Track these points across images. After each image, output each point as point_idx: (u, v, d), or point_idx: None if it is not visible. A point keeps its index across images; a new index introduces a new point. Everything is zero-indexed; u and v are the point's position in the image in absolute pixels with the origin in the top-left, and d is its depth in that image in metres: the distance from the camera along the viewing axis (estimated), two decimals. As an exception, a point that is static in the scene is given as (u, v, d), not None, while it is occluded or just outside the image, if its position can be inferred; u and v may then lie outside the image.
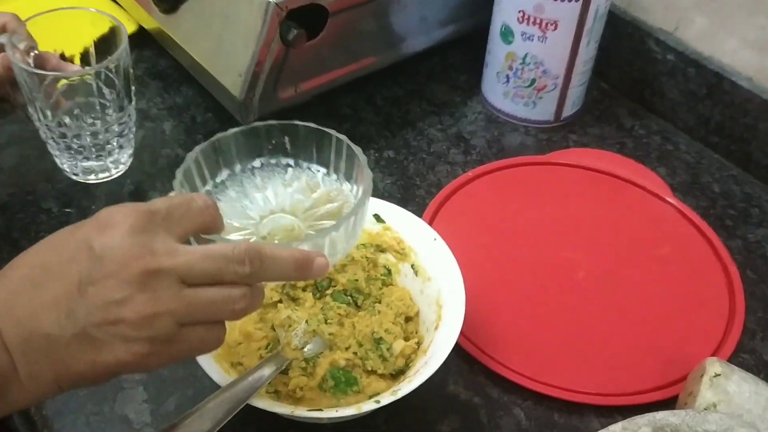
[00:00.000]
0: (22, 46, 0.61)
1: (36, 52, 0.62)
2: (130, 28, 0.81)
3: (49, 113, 0.63)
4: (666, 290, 0.64)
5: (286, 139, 0.52)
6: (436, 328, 0.53)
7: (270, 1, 0.64)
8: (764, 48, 0.72)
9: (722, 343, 0.59)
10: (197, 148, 0.49)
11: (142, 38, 0.82)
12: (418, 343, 0.54)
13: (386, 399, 0.47)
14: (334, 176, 0.52)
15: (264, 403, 0.47)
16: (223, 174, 0.51)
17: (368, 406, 0.47)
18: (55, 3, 0.66)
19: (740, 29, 0.73)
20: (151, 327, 0.37)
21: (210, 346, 0.41)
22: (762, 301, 0.64)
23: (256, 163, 0.52)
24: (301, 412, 0.47)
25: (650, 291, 0.63)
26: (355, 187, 0.51)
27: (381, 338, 0.53)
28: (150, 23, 0.80)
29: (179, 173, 0.47)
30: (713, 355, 0.58)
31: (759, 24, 0.71)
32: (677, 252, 0.67)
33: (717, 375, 0.50)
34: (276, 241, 0.49)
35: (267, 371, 0.48)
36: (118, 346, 0.37)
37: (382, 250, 0.59)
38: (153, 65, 0.84)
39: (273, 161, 0.53)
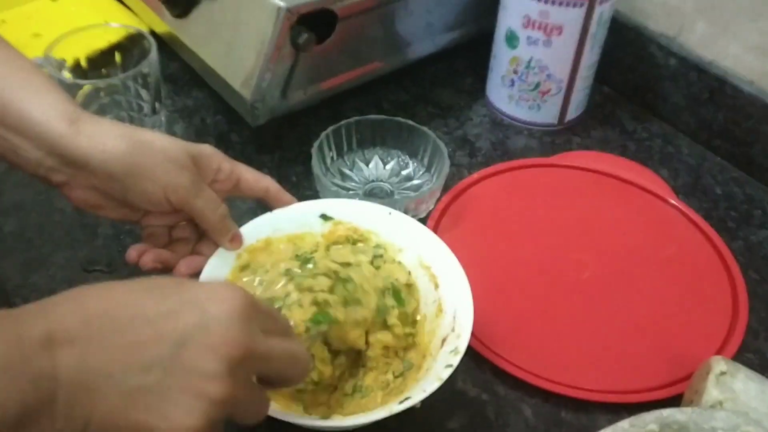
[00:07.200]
0: None
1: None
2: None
3: None
4: (670, 290, 0.64)
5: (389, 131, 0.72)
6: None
7: (281, 6, 0.65)
8: (766, 52, 0.73)
9: (726, 343, 0.60)
10: (330, 128, 0.70)
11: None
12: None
13: (418, 395, 0.46)
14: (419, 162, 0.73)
15: (294, 416, 0.46)
16: (344, 149, 0.72)
17: (398, 407, 0.46)
18: (62, 6, 0.66)
19: (742, 34, 0.74)
20: (217, 410, 0.36)
21: None
22: (765, 301, 0.64)
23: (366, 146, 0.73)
24: (330, 422, 0.46)
25: (654, 291, 0.64)
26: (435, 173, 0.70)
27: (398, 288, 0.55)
28: (161, 27, 0.81)
29: (316, 144, 0.67)
30: (717, 354, 0.59)
31: (760, 29, 0.73)
32: (681, 253, 0.68)
33: (723, 373, 0.51)
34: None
35: None
36: (176, 413, 0.35)
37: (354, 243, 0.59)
38: (163, 68, 0.83)
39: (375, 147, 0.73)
